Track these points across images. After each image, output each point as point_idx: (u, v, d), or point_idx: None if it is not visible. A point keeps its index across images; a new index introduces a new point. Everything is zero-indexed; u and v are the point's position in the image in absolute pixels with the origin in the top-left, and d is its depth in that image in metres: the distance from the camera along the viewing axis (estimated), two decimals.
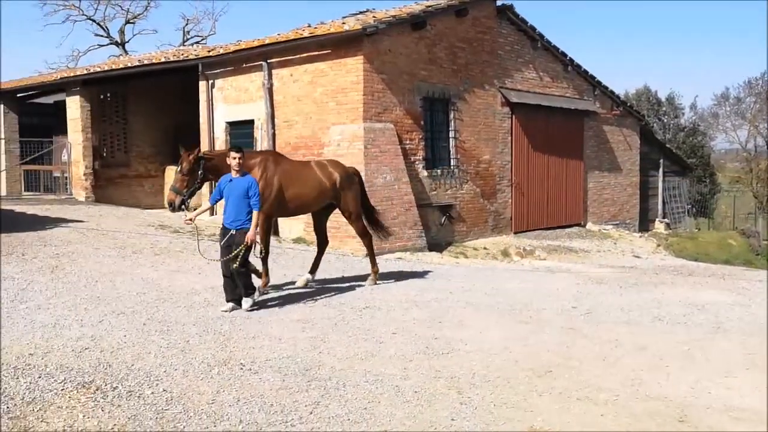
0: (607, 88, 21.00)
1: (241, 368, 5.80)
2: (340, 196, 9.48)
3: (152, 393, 5.10)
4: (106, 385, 5.21)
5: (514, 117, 17.62)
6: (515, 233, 17.69)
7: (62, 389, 5.10)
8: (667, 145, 28.54)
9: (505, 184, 17.57)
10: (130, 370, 5.59)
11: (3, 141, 22.49)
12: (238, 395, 5.17)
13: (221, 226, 8.06)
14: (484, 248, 15.77)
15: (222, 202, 8.14)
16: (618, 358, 6.61)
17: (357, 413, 4.94)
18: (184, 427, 4.56)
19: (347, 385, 5.50)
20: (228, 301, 7.81)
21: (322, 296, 8.86)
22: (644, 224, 23.84)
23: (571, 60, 19.39)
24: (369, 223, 10.10)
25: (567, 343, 7.10)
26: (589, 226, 20.52)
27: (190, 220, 8.13)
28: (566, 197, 19.69)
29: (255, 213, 7.81)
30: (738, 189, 35.36)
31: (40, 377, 5.31)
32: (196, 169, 8.31)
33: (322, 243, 9.90)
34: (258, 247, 8.17)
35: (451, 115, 15.96)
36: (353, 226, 9.98)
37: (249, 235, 7.70)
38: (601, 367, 6.33)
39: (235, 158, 7.87)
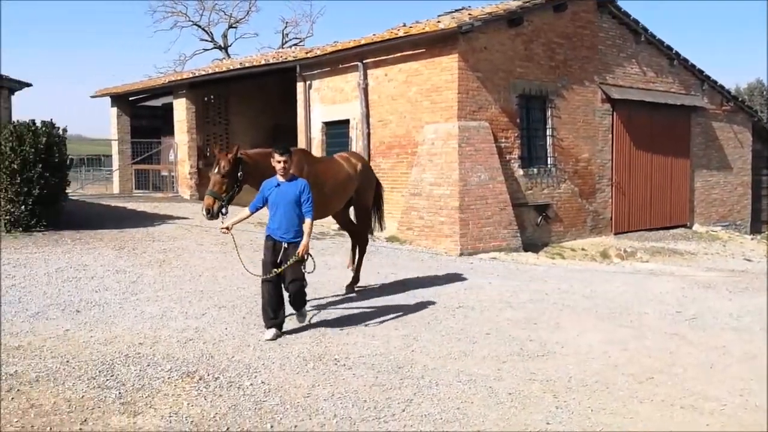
0: (716, 82, 19.94)
1: (336, 363, 5.90)
2: (359, 189, 8.98)
3: (251, 384, 5.28)
4: (208, 375, 5.43)
5: (615, 114, 17.04)
6: (615, 234, 17.10)
7: (168, 378, 5.36)
8: None
9: (604, 184, 17.02)
10: (230, 362, 5.80)
11: (116, 142, 23.85)
12: (332, 390, 5.26)
13: (267, 238, 6.85)
14: (582, 249, 15.34)
15: (263, 209, 7.05)
16: (726, 366, 6.27)
17: (449, 413, 4.92)
18: (280, 419, 4.69)
19: (440, 384, 5.50)
20: (269, 326, 6.69)
21: (414, 294, 8.87)
22: (756, 226, 22.47)
23: (677, 54, 18.53)
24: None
25: (670, 349, 6.81)
26: (696, 227, 19.57)
27: (227, 228, 6.90)
28: (671, 197, 18.85)
29: (308, 222, 6.73)
30: None
31: (148, 365, 5.61)
32: (235, 171, 7.21)
33: (358, 232, 9.24)
34: (310, 261, 6.85)
35: (549, 113, 15.62)
36: (361, 224, 9.25)
37: (303, 246, 6.63)
38: (707, 374, 6.03)
39: (279, 161, 6.70)
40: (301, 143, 17.36)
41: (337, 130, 16.81)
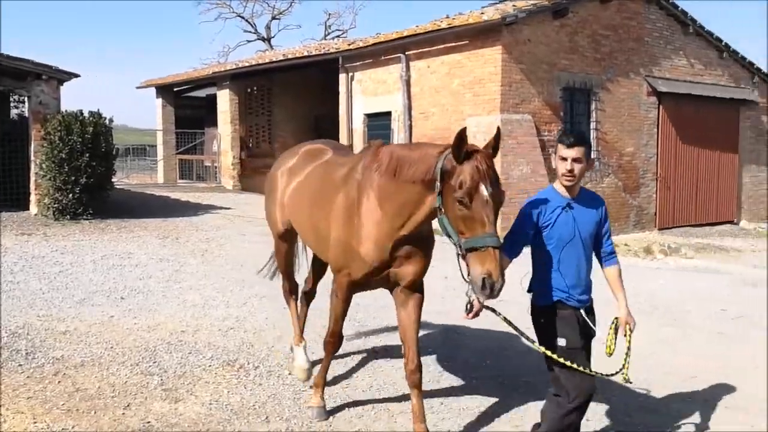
0: (767, 75, 19.34)
1: (375, 355, 5.92)
2: None
3: (290, 374, 5.32)
4: (248, 364, 5.50)
5: (661, 107, 16.68)
6: (659, 230, 16.75)
7: (209, 365, 5.44)
8: None
9: (649, 178, 16.69)
10: (270, 351, 5.87)
11: (161, 132, 24.26)
12: (371, 381, 5.28)
13: (549, 306, 3.74)
14: (625, 245, 15.07)
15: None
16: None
17: (487, 406, 4.89)
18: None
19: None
20: None
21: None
22: None
23: (727, 45, 18.01)
24: None
25: (715, 349, 6.65)
26: (743, 224, 19.04)
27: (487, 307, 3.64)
28: (717, 192, 18.38)
29: (615, 269, 3.91)
30: None
31: (190, 353, 5.70)
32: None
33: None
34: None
35: (593, 106, 15.36)
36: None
37: (627, 316, 3.82)
38: (754, 375, 5.87)
39: (566, 159, 3.63)
40: (343, 135, 17.41)
41: (378, 122, 16.80)
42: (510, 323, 3.86)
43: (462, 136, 3.40)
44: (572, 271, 3.71)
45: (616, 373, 3.76)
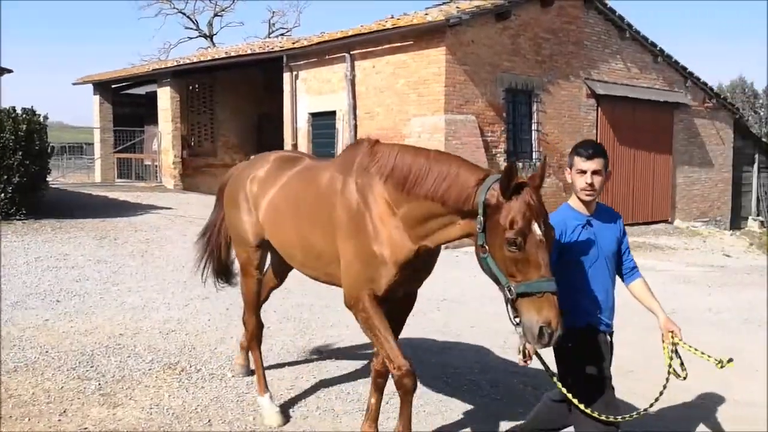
0: (699, 79, 20.09)
1: (320, 356, 5.89)
2: None
3: (233, 376, 5.25)
4: (190, 367, 5.40)
5: (599, 109, 17.13)
6: None
7: (149, 369, 5.31)
8: (764, 140, 27.06)
9: None
10: (213, 353, 5.77)
11: (98, 130, 23.60)
12: (315, 382, 5.25)
13: (577, 331, 3.40)
14: None
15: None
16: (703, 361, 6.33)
17: (433, 405, 4.93)
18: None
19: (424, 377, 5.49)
20: None
21: None
22: (736, 222, 22.71)
23: (662, 50, 18.64)
24: None
25: (649, 344, 6.86)
26: (677, 223, 19.74)
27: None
28: (653, 192, 19.01)
29: (640, 281, 3.70)
30: None
31: (129, 357, 5.56)
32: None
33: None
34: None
35: (534, 107, 15.67)
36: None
37: (671, 326, 3.59)
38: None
39: (584, 172, 3.46)
40: (287, 134, 17.29)
41: (323, 122, 16.75)
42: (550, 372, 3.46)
43: (512, 171, 3.05)
44: (599, 293, 3.49)
45: (638, 414, 3.46)
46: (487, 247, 3.12)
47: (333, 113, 16.30)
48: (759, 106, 39.96)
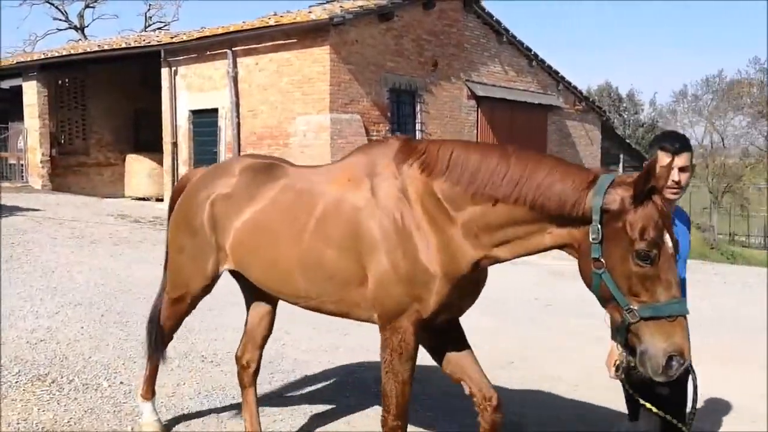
0: (570, 83, 21.22)
1: (203, 360, 5.72)
2: None
3: (109, 386, 4.99)
4: (62, 378, 5.08)
5: (479, 110, 17.71)
6: None
7: (16, 382, 4.95)
8: (627, 141, 29.00)
9: None
10: (87, 363, 5.46)
11: None
12: (199, 387, 5.09)
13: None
14: None
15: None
16: (577, 349, 6.69)
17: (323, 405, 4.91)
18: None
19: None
20: None
21: None
22: None
23: (536, 55, 19.54)
24: None
25: (530, 334, 7.16)
26: None
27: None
28: None
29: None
30: (694, 185, 36.18)
31: None
32: None
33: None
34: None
35: (418, 108, 15.98)
36: None
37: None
38: (557, 359, 6.41)
39: (671, 167, 2.88)
40: (167, 132, 16.69)
41: (205, 119, 16.31)
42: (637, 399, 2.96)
43: (652, 169, 2.52)
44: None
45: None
46: (604, 261, 2.60)
47: (215, 111, 15.90)
48: (623, 109, 42.76)
